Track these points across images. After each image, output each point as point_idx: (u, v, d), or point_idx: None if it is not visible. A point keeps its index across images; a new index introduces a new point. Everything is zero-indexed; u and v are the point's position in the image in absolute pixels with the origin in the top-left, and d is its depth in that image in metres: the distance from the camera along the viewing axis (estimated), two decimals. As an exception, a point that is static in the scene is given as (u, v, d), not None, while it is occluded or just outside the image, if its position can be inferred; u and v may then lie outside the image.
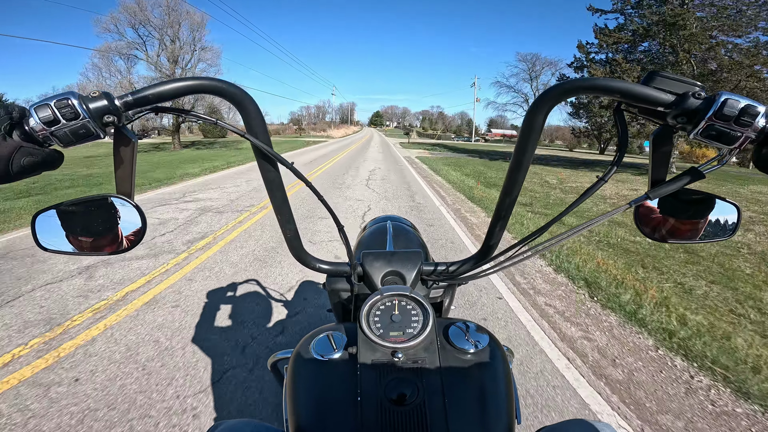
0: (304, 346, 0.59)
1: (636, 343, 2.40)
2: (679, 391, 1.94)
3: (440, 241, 4.47)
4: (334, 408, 0.51)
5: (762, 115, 0.39)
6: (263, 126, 0.53)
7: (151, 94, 0.45)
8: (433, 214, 5.91)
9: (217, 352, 2.12)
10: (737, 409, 1.83)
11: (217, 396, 1.79)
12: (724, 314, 2.87)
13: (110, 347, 2.16)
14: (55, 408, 1.69)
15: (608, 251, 4.40)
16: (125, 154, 0.49)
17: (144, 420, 1.64)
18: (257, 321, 2.47)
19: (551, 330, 2.52)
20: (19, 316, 2.49)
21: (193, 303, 2.71)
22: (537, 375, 2.03)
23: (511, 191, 0.58)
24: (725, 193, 9.45)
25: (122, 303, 2.70)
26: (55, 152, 0.43)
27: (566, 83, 0.47)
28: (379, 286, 0.66)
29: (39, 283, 3.01)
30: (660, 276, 3.66)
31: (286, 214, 0.62)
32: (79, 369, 1.96)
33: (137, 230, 0.54)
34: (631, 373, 2.08)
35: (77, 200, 0.52)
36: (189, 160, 13.85)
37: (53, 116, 0.39)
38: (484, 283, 3.17)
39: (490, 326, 2.51)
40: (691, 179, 0.46)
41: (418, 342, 0.55)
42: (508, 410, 0.52)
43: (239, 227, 4.73)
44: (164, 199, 6.47)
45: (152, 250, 3.81)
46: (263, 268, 3.42)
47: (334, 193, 7.40)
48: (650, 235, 0.58)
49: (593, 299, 3.02)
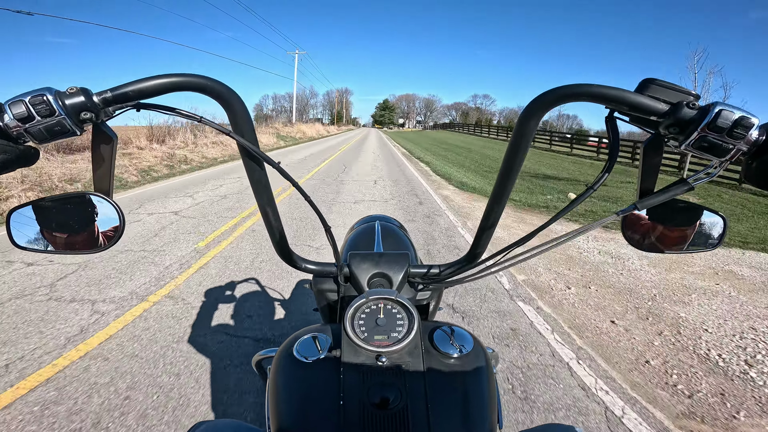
0: (288, 347, 0.58)
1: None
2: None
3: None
4: (316, 411, 0.51)
5: (755, 127, 0.38)
6: (250, 125, 0.51)
7: (132, 91, 0.43)
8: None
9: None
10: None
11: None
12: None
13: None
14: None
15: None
16: (104, 151, 0.48)
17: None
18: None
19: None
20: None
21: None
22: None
23: (501, 198, 0.57)
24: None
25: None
26: (30, 149, 0.42)
27: (559, 89, 0.46)
28: (366, 288, 0.66)
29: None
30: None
31: (272, 214, 0.60)
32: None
33: (115, 228, 0.52)
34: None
35: (54, 197, 0.50)
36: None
37: (27, 113, 0.38)
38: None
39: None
40: (680, 191, 0.45)
41: (402, 346, 0.54)
42: (491, 415, 0.52)
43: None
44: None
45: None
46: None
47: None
48: (637, 244, 0.58)
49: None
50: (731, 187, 10.29)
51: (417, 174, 10.20)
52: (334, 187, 7.59)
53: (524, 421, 1.71)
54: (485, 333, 2.44)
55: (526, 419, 1.72)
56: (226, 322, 2.45)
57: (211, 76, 0.47)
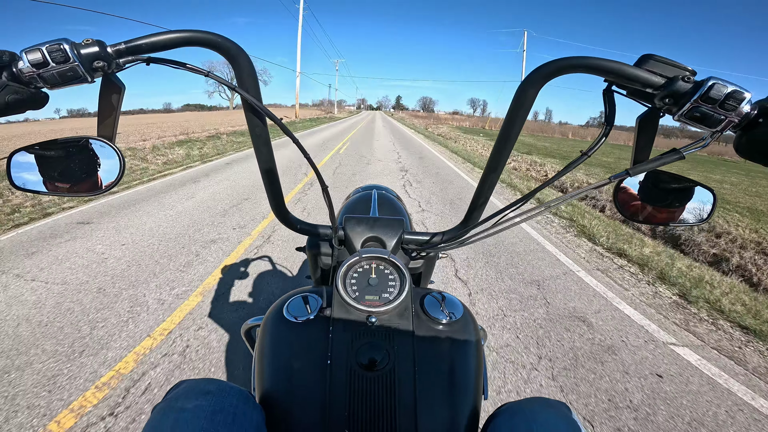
0: (278, 308, 0.58)
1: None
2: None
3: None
4: (302, 371, 0.51)
5: (747, 101, 0.39)
6: (255, 81, 0.52)
7: (144, 44, 0.45)
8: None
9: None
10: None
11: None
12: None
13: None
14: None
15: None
16: (113, 99, 0.49)
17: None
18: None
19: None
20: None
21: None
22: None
23: (496, 167, 0.58)
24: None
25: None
26: (41, 92, 0.44)
27: (560, 60, 0.47)
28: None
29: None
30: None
31: (271, 170, 0.61)
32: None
33: (115, 172, 0.53)
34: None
35: (55, 141, 0.51)
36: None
37: (43, 59, 0.40)
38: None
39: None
40: (672, 159, 0.46)
41: (393, 307, 0.55)
42: (476, 384, 0.53)
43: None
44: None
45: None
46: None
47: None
48: (629, 217, 0.59)
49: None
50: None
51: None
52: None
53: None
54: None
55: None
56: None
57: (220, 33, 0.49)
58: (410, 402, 0.48)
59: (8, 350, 1.93)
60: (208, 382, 0.47)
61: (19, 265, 2.93)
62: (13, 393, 1.66)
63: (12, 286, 2.59)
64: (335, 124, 29.14)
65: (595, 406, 1.73)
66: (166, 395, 0.47)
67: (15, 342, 2.00)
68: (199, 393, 0.44)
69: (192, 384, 0.47)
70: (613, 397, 1.79)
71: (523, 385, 1.85)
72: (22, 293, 2.49)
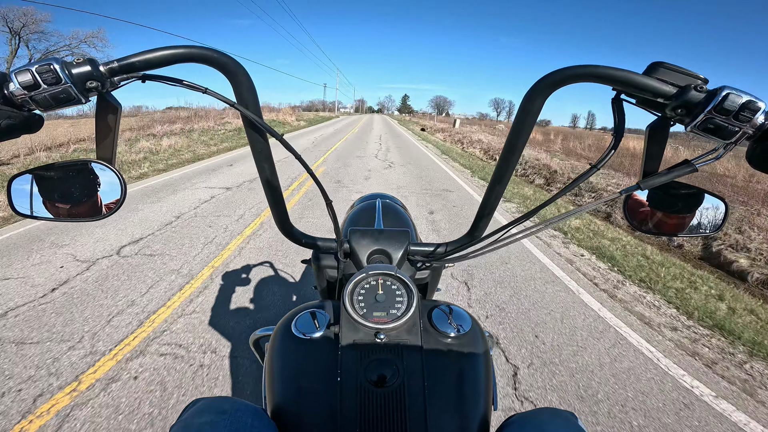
0: (287, 323, 0.58)
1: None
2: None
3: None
4: (313, 388, 0.51)
5: (762, 111, 0.38)
6: (254, 97, 0.51)
7: (138, 61, 0.44)
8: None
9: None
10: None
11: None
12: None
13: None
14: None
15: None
16: (109, 120, 0.48)
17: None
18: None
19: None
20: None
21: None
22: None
23: (502, 178, 0.57)
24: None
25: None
26: (34, 116, 0.43)
27: (568, 69, 0.46)
28: (365, 264, 0.66)
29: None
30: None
31: (274, 186, 0.60)
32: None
33: (117, 195, 0.52)
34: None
35: (56, 164, 0.50)
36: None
37: (33, 81, 0.39)
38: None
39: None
40: (684, 172, 0.45)
41: (401, 323, 0.54)
42: (486, 396, 0.53)
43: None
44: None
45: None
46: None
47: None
48: (638, 227, 0.58)
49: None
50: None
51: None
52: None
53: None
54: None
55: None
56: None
57: (216, 48, 0.47)
58: (421, 417, 0.47)
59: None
60: (223, 400, 0.47)
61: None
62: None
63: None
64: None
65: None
66: (181, 415, 0.47)
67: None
68: (214, 412, 0.45)
69: (207, 402, 0.47)
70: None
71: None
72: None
